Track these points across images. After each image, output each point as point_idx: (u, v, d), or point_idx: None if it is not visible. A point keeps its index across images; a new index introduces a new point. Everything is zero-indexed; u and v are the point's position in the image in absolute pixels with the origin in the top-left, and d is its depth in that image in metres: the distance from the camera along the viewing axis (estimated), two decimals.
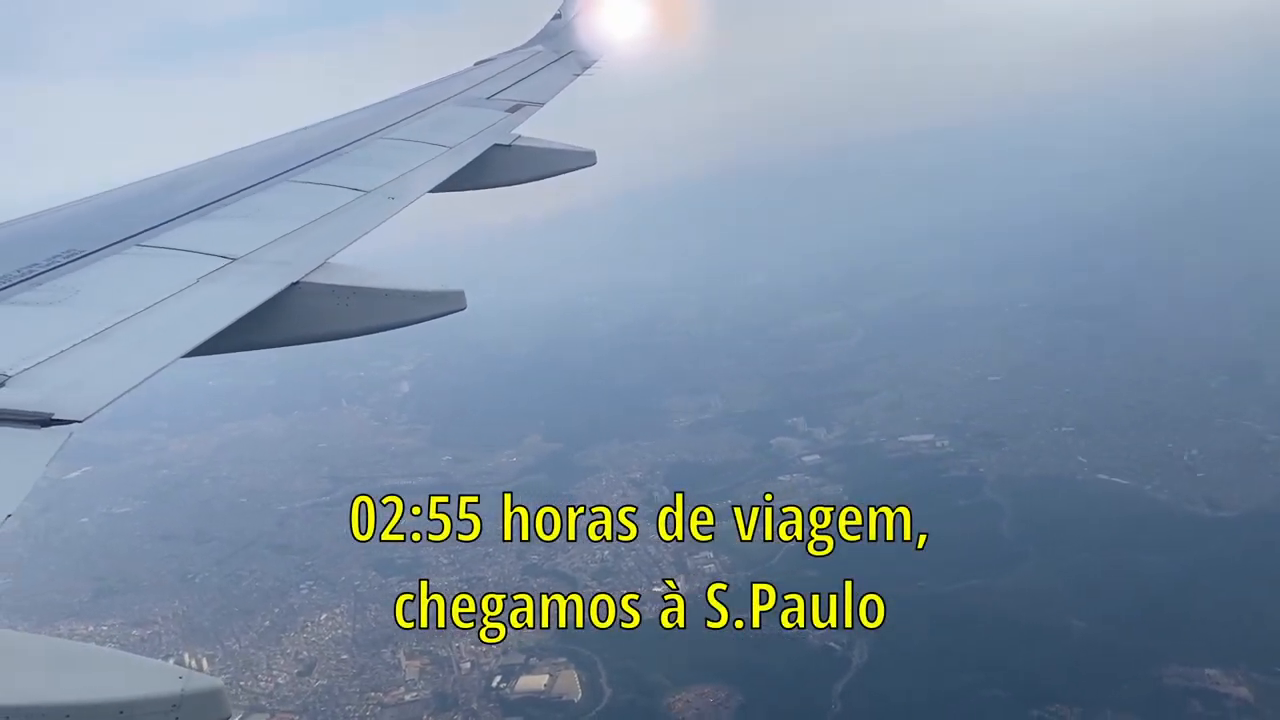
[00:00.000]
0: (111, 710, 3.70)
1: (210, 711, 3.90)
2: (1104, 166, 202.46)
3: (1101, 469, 79.03)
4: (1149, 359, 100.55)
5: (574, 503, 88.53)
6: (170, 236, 7.80)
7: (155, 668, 4.01)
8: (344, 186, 9.40)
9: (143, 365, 5.69)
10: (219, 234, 7.97)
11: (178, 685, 3.82)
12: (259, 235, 7.94)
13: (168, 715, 3.76)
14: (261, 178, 9.60)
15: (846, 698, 55.84)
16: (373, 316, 7.65)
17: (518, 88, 14.63)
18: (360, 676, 66.24)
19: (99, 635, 77.40)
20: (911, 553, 69.91)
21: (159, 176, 10.43)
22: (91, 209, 9.12)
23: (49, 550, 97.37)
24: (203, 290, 6.80)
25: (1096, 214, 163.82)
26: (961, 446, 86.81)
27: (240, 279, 7.09)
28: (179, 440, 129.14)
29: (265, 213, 8.67)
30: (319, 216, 8.57)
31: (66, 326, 5.95)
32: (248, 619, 76.80)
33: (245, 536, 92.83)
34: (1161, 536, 67.96)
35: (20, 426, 4.84)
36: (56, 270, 6.90)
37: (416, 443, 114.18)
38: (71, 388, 5.29)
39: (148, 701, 3.76)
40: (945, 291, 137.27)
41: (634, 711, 58.31)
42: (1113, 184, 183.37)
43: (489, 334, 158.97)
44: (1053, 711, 52.76)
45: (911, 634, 61.07)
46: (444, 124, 12.35)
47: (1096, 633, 58.40)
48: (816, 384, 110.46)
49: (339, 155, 10.57)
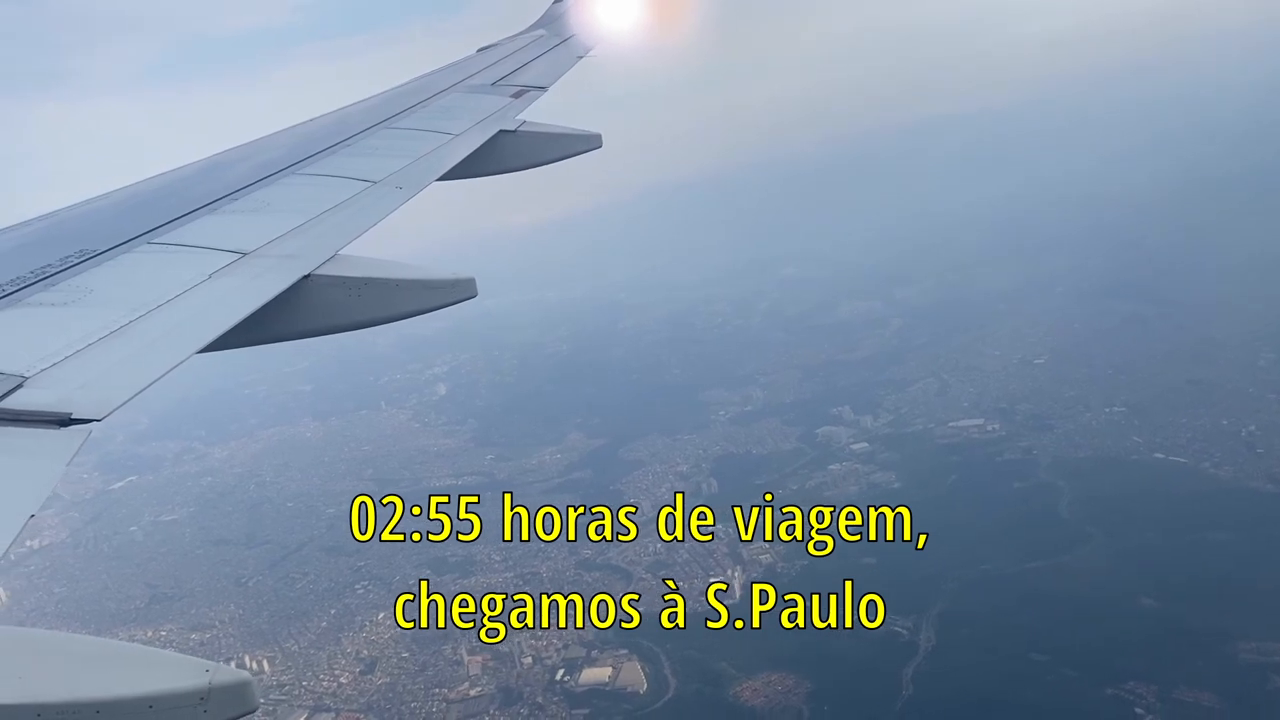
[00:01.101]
0: (140, 705, 3.74)
1: (238, 705, 3.93)
2: (1134, 145, 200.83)
3: (1157, 448, 78.20)
4: (1193, 337, 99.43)
5: (622, 498, 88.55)
6: (181, 233, 7.81)
7: (182, 662, 4.01)
8: (352, 178, 9.38)
9: (158, 363, 5.69)
10: (229, 229, 7.98)
11: (205, 679, 3.84)
12: (269, 229, 7.95)
13: (196, 709, 3.80)
14: (269, 172, 9.60)
15: (919, 681, 55.41)
16: (384, 307, 7.64)
17: (521, 73, 14.59)
18: (423, 673, 66.32)
19: (158, 640, 77.90)
20: (973, 534, 69.49)
21: (167, 174, 10.42)
22: (102, 208, 9.14)
23: (101, 558, 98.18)
24: (215, 286, 6.79)
25: (1129, 194, 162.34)
26: (1012, 430, 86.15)
27: (252, 273, 7.08)
28: (220, 448, 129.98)
29: (274, 207, 8.66)
30: (328, 209, 8.55)
31: (82, 326, 5.97)
32: (305, 620, 77.07)
33: (296, 539, 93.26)
34: (1225, 513, 67.06)
35: (40, 427, 4.85)
36: (70, 270, 6.91)
37: (458, 443, 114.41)
38: (89, 387, 5.30)
39: (176, 695, 3.80)
40: (980, 277, 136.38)
41: (702, 701, 58.04)
42: (1144, 163, 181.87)
43: (522, 335, 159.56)
44: (1128, 689, 52.18)
45: (978, 616, 60.61)
46: (449, 112, 12.34)
47: (1167, 610, 57.78)
48: (858, 372, 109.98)
49: (345, 146, 10.56)
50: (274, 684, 68.84)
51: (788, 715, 55.02)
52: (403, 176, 9.57)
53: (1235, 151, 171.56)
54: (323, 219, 8.32)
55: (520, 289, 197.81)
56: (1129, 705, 51.23)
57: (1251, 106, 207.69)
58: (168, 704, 3.79)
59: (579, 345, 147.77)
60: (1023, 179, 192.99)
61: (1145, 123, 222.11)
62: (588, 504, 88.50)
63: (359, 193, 9.01)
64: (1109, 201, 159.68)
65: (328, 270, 7.35)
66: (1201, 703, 50.35)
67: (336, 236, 7.92)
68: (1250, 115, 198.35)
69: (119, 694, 3.72)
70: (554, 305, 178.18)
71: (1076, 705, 51.82)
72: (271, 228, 7.99)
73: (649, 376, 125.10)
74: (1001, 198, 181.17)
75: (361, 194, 8.99)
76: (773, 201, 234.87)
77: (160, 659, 4.11)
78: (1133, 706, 51.10)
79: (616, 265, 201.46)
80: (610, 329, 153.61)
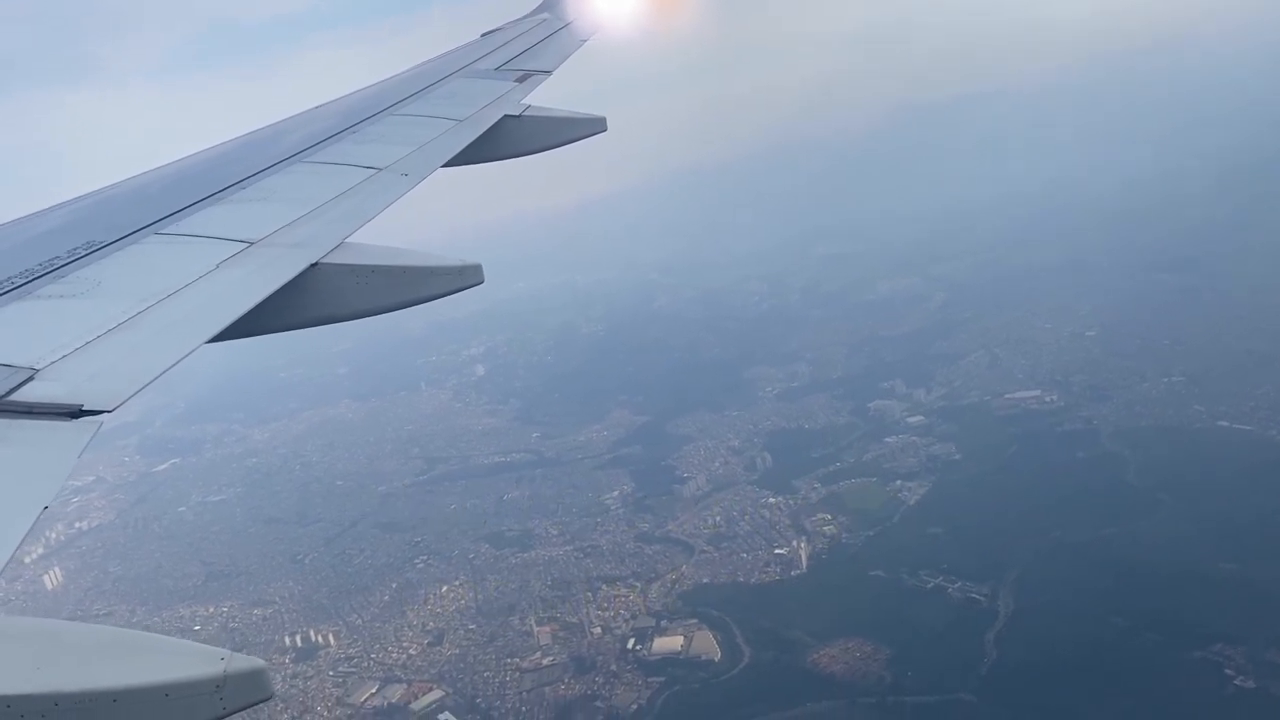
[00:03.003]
0: (156, 693, 3.72)
1: (254, 692, 3.91)
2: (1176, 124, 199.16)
3: (1220, 416, 77.48)
4: (1244, 307, 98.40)
5: (675, 472, 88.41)
6: (188, 223, 7.78)
7: (197, 650, 3.94)
8: (357, 165, 9.32)
9: (167, 353, 5.66)
10: (236, 218, 7.94)
11: (220, 666, 3.82)
12: (275, 218, 7.90)
13: (212, 697, 3.78)
14: (274, 160, 9.56)
15: (1001, 646, 55.09)
16: (392, 294, 7.64)
17: (525, 57, 14.41)
18: (493, 644, 66.34)
19: (219, 616, 78.41)
20: (1041, 503, 69.11)
21: (173, 164, 10.40)
22: (108, 199, 9.14)
23: (152, 538, 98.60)
24: (223, 275, 6.75)
25: (1171, 173, 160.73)
26: (1070, 401, 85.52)
27: (259, 262, 7.04)
28: (260, 430, 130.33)
29: (280, 195, 8.63)
30: (334, 196, 8.50)
31: (91, 318, 5.95)
32: (365, 595, 77.19)
33: (349, 517, 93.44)
34: None
35: (51, 419, 4.87)
36: (78, 262, 6.89)
37: (501, 422, 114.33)
38: (99, 378, 5.27)
39: (191, 684, 3.78)
40: (1021, 253, 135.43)
41: (779, 668, 57.85)
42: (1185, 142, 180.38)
43: (555, 317, 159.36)
44: (1215, 652, 51.70)
45: (1054, 583, 60.21)
46: (453, 97, 12.24)
47: (1249, 574, 57.18)
48: (905, 347, 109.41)
49: (350, 134, 10.48)
50: (342, 657, 69.09)
51: (869, 681, 54.76)
52: (408, 163, 9.53)
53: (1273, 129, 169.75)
54: (329, 207, 8.31)
55: (549, 272, 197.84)
56: (1218, 667, 50.77)
57: None
58: (184, 692, 3.77)
59: (614, 325, 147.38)
60: (1061, 158, 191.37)
61: (1187, 101, 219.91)
62: (641, 479, 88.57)
63: (364, 180, 8.99)
64: (1150, 180, 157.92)
65: (335, 258, 7.35)
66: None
67: (343, 225, 7.92)
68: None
69: (135, 683, 3.68)
70: (584, 287, 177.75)
71: (1164, 668, 51.47)
72: (278, 217, 7.97)
73: (689, 355, 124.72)
74: (1038, 177, 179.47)
75: (367, 182, 8.97)
76: (801, 182, 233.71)
77: (175, 647, 4.03)
78: (1222, 668, 50.62)
79: (645, 247, 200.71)
80: (644, 309, 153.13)
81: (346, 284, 7.39)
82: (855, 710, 52.61)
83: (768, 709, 54.08)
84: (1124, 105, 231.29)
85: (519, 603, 71.01)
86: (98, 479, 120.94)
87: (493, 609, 71.03)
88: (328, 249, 7.40)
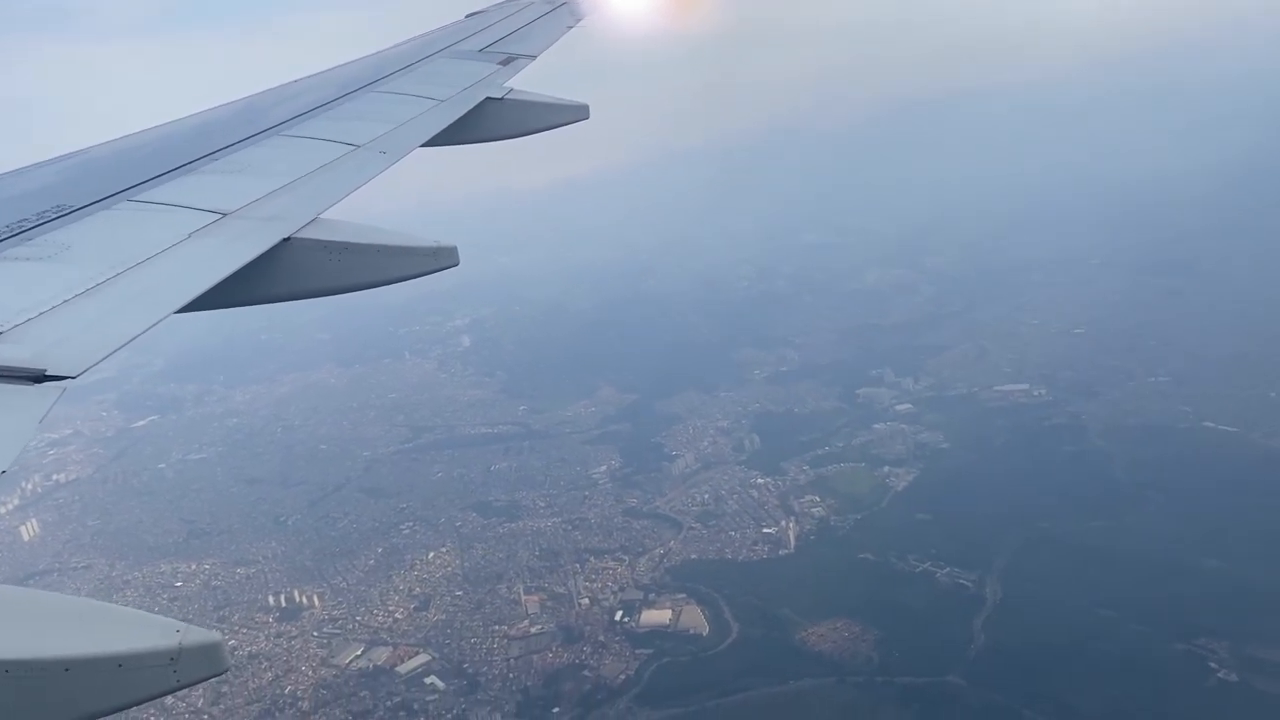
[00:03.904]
0: (109, 663, 3.71)
1: (209, 666, 3.90)
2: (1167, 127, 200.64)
3: (1206, 417, 78.45)
4: (1232, 313, 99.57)
5: (664, 450, 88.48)
6: (161, 192, 7.71)
7: (152, 621, 3.93)
8: (335, 141, 9.27)
9: (136, 321, 5.60)
10: (210, 189, 7.89)
11: (175, 639, 3.80)
12: (250, 190, 7.87)
13: (166, 669, 3.77)
14: (251, 132, 9.51)
15: (989, 632, 55.66)
16: (365, 272, 7.58)
17: (510, 40, 14.41)
18: (480, 611, 66.33)
19: (201, 574, 77.85)
20: (1028, 494, 69.81)
21: (148, 131, 10.26)
22: (80, 164, 9.03)
23: (131, 494, 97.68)
24: (194, 246, 6.71)
25: (1160, 175, 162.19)
26: (1058, 396, 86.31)
27: (232, 234, 7.00)
28: (241, 391, 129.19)
29: (256, 168, 8.57)
30: (310, 171, 8.48)
31: (58, 282, 5.87)
32: (350, 558, 76.89)
33: (332, 481, 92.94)
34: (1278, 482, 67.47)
35: (13, 383, 4.81)
36: (46, 225, 6.82)
37: (487, 394, 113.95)
38: (64, 343, 5.20)
39: (145, 655, 3.76)
40: (1010, 248, 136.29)
41: (768, 645, 58.17)
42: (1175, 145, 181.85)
43: (542, 292, 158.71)
44: (1200, 645, 52.51)
45: (1041, 573, 60.85)
46: (435, 77, 12.19)
47: (1233, 571, 58.07)
48: (893, 336, 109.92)
49: (329, 110, 10.44)
50: (326, 618, 68.86)
51: (858, 661, 55.18)
52: (387, 141, 9.49)
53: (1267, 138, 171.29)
54: (304, 182, 8.27)
55: (535, 249, 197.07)
56: (1202, 660, 51.58)
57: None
58: (137, 663, 3.75)
59: (602, 303, 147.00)
60: (1054, 157, 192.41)
61: (1186, 105, 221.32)
62: (629, 455, 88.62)
63: (342, 156, 8.94)
64: (1144, 183, 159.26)
65: (308, 234, 7.31)
66: (1276, 659, 50.71)
67: (318, 200, 7.89)
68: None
69: (87, 652, 3.66)
70: (572, 265, 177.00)
71: (1149, 659, 52.19)
72: (252, 189, 7.92)
73: (678, 335, 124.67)
74: (1031, 176, 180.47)
75: (344, 158, 8.91)
76: (791, 171, 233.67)
77: (130, 618, 4.01)
78: (1206, 661, 51.43)
79: (632, 228, 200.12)
80: (632, 289, 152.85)
81: (319, 260, 7.33)
82: (844, 689, 53.01)
83: (758, 684, 54.43)
84: (1121, 107, 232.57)
85: (506, 571, 70.97)
86: (75, 432, 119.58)
87: (480, 577, 70.96)
88: (301, 223, 7.36)
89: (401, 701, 58.01)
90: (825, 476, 78.41)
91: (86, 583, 78.72)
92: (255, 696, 60.48)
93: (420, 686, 59.37)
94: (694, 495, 78.95)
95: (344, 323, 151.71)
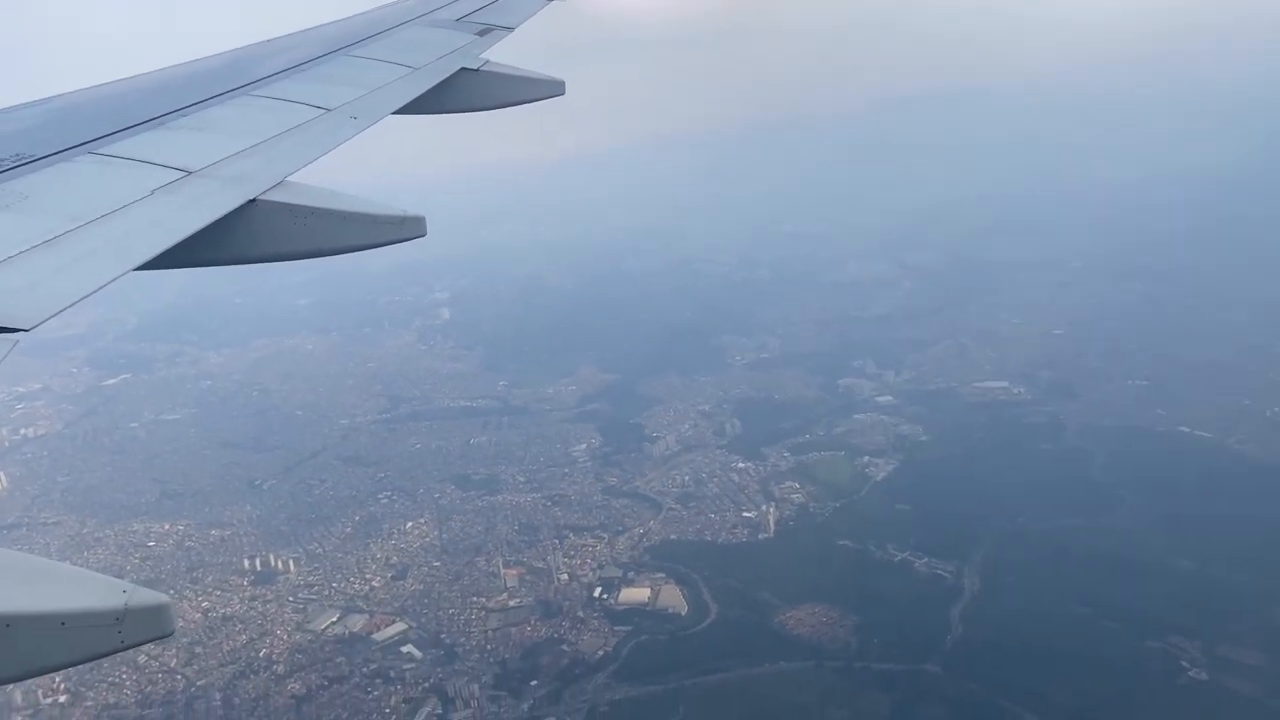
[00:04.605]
0: (53, 621, 3.66)
1: (154, 627, 3.88)
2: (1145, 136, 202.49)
3: (1182, 422, 79.50)
4: (1210, 321, 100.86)
5: (645, 431, 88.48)
6: (125, 146, 7.62)
7: (99, 581, 3.92)
8: (305, 104, 9.23)
9: (94, 275, 5.55)
10: (176, 146, 7.82)
11: (121, 599, 3.76)
12: (217, 149, 7.80)
13: (110, 629, 3.74)
14: (220, 90, 9.41)
15: (967, 623, 56.25)
16: (330, 238, 7.55)
17: (488, 11, 14.36)
18: (458, 582, 66.18)
19: (174, 534, 77.15)
20: (1007, 489, 70.53)
21: (115, 83, 10.14)
22: (42, 113, 8.91)
23: (103, 451, 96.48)
24: (157, 203, 6.66)
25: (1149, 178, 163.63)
26: (1037, 395, 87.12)
27: (196, 193, 6.95)
28: (215, 354, 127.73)
29: (224, 127, 8.49)
30: (279, 133, 8.42)
31: (15, 232, 5.82)
32: (327, 525, 76.43)
33: (309, 447, 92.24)
34: (1253, 488, 68.46)
35: None
36: (6, 174, 6.74)
37: (467, 367, 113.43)
38: (18, 295, 5.14)
39: (89, 614, 3.72)
40: (991, 248, 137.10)
41: (747, 626, 58.48)
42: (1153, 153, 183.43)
43: (522, 268, 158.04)
44: (1172, 644, 53.32)
45: (1019, 567, 61.62)
46: (410, 45, 12.14)
47: (1206, 573, 59.06)
48: (874, 329, 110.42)
49: (301, 72, 10.37)
50: (301, 584, 68.48)
51: (836, 646, 55.61)
52: (358, 106, 9.43)
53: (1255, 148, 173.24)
54: (273, 144, 8.20)
55: (514, 224, 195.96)
56: (1174, 658, 52.40)
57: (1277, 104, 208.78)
58: (81, 622, 3.69)
59: (582, 283, 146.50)
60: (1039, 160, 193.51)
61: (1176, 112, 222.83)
62: (610, 435, 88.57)
63: (312, 119, 8.88)
64: (1128, 188, 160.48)
65: (274, 196, 7.26)
66: (1247, 661, 51.57)
67: (285, 163, 7.83)
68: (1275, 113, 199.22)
69: (30, 609, 3.61)
70: (552, 243, 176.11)
71: (1122, 655, 52.94)
72: (219, 148, 7.84)
73: (658, 317, 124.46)
74: (1015, 177, 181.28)
75: (314, 121, 8.85)
76: (773, 160, 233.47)
77: (76, 576, 3.97)
78: (1178, 659, 52.26)
79: (613, 209, 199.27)
80: (613, 270, 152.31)
81: (284, 223, 7.26)
82: (823, 672, 53.42)
83: (736, 665, 54.72)
84: (1110, 113, 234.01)
85: (485, 544, 70.82)
86: (44, 388, 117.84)
87: (458, 548, 70.77)
88: (267, 186, 7.29)
89: (378, 669, 57.80)
90: (805, 464, 78.78)
91: (56, 539, 77.81)
92: (230, 659, 60.08)
93: (397, 654, 59.21)
94: (674, 477, 79.04)
95: (322, 290, 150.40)
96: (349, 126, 8.84)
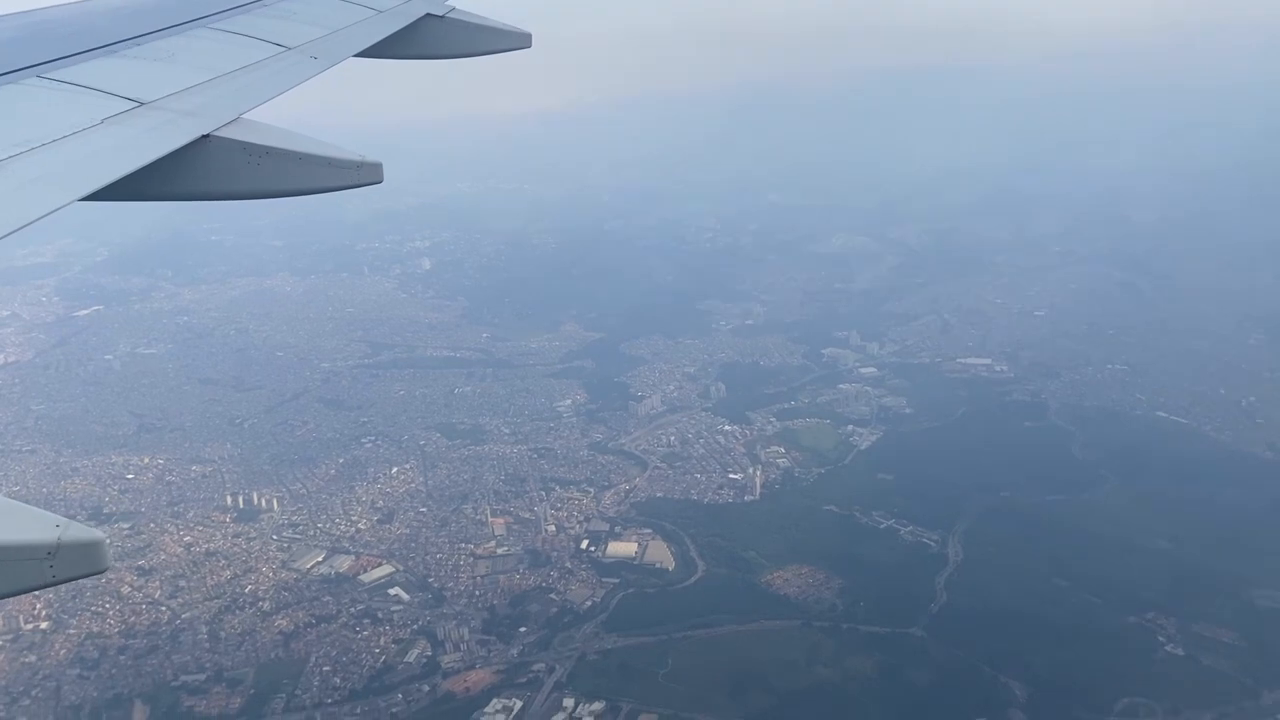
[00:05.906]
0: None
1: (87, 563, 3.84)
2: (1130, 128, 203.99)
3: (1159, 407, 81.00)
4: (1187, 310, 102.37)
5: (630, 390, 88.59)
6: (75, 72, 7.43)
7: (32, 515, 3.90)
8: (265, 40, 9.06)
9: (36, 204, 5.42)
10: (129, 75, 7.62)
11: (55, 534, 3.74)
12: (171, 81, 7.61)
13: (41, 564, 3.71)
14: (178, 20, 9.18)
15: (951, 589, 57.22)
16: (284, 179, 7.40)
17: None
18: (445, 528, 66.19)
19: (154, 468, 76.38)
20: (989, 464, 71.59)
21: (68, 5, 9.88)
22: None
23: (77, 382, 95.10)
24: (107, 132, 6.50)
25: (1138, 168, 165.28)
26: (1020, 373, 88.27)
27: (148, 125, 6.79)
28: (190, 290, 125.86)
29: (180, 58, 8.29)
30: (236, 69, 8.25)
31: None
32: (310, 466, 76.00)
33: (290, 389, 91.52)
34: (1229, 474, 70.05)
35: None
36: None
37: (448, 318, 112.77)
38: None
39: (19, 547, 3.69)
40: (974, 228, 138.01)
41: (733, 584, 59.12)
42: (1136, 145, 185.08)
43: (504, 223, 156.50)
44: (1150, 619, 54.60)
45: (1002, 539, 62.64)
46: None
47: (1183, 553, 60.46)
48: (858, 301, 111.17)
49: (262, 6, 10.16)
50: (285, 523, 68.19)
51: (823, 607, 56.38)
52: (319, 46, 9.23)
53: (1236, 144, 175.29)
54: (229, 79, 8.00)
55: (498, 178, 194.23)
56: (1151, 633, 53.70)
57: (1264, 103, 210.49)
58: (12, 555, 3.66)
59: (565, 241, 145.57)
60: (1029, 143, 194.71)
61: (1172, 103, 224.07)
62: (595, 392, 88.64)
63: (271, 56, 8.70)
64: (1116, 175, 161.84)
65: (228, 133, 7.09)
66: (1221, 639, 52.96)
67: (241, 99, 7.64)
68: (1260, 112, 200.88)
69: None
70: (534, 199, 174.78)
71: (1101, 629, 54.10)
72: (174, 80, 7.62)
73: (642, 279, 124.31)
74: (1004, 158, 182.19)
75: (273, 59, 8.68)
76: (758, 129, 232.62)
77: (9, 509, 3.92)
78: (1155, 634, 53.55)
79: (597, 168, 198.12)
80: (596, 230, 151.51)
81: (238, 161, 7.10)
82: (810, 631, 54.21)
83: (724, 620, 55.38)
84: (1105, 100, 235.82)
85: (472, 492, 70.83)
86: (13, 314, 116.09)
87: (444, 495, 70.74)
88: (222, 122, 7.10)
89: (365, 609, 57.85)
90: (791, 429, 79.39)
91: (32, 467, 76.84)
92: (214, 593, 59.82)
93: (384, 597, 59.26)
94: (660, 436, 79.37)
95: (298, 232, 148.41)
96: (309, 66, 8.60)
